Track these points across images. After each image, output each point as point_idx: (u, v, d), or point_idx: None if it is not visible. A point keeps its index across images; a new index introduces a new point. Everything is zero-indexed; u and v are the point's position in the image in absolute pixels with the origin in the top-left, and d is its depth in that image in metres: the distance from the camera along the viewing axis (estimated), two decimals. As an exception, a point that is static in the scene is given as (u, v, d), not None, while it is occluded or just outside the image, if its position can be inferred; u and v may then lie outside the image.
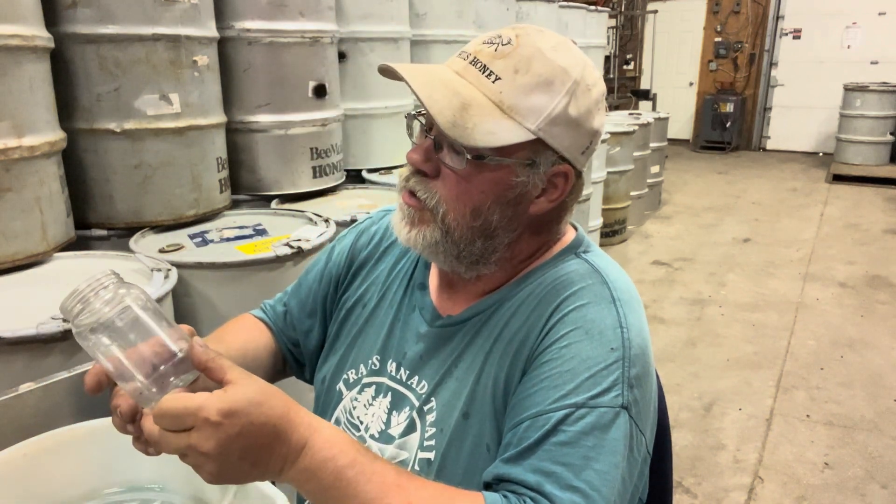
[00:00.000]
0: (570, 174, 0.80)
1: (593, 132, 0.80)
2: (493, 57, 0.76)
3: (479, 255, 0.82)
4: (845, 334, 3.70)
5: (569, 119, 0.76)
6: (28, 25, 1.65)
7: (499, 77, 0.75)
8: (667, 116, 6.43)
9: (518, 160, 0.77)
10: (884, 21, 8.86)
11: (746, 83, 9.89)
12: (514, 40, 0.77)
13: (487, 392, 0.80)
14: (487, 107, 0.75)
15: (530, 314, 0.81)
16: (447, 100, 0.74)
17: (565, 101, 0.76)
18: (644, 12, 9.65)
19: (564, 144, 0.78)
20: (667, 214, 6.34)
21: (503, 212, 0.79)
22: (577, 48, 0.81)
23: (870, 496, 2.38)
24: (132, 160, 1.97)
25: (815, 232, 5.70)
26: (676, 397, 3.04)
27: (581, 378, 0.73)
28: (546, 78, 0.75)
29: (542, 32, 0.79)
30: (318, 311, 1.03)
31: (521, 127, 0.75)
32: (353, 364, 0.95)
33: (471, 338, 0.85)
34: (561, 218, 0.86)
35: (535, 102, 0.75)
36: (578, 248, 0.88)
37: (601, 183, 4.72)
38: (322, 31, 2.40)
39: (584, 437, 0.70)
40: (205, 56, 2.05)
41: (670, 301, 4.21)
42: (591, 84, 0.78)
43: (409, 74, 0.76)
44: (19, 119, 1.63)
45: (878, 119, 7.74)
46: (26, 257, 1.70)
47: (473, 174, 0.77)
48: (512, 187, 0.78)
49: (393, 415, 0.87)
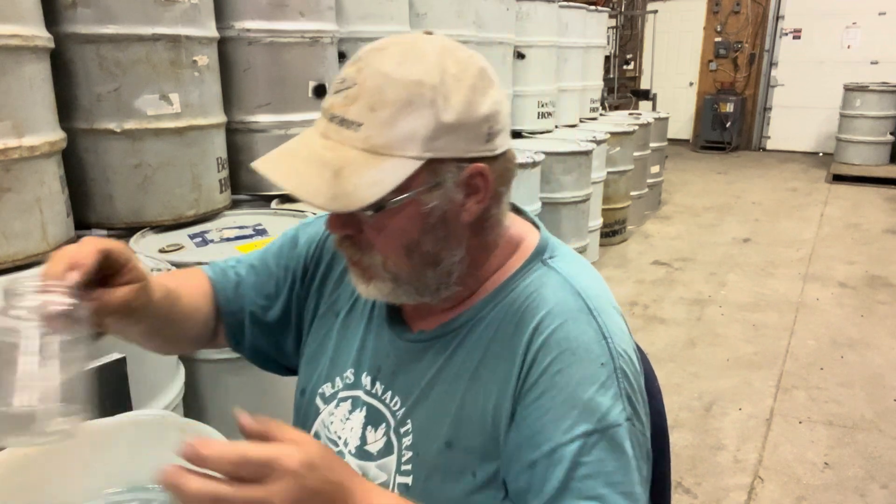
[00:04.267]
0: (484, 170, 0.74)
1: (484, 117, 0.73)
2: (344, 105, 0.71)
3: (436, 284, 0.79)
4: (845, 334, 3.70)
5: (448, 126, 0.71)
6: (28, 25, 1.65)
7: (359, 123, 0.70)
8: (667, 116, 6.43)
9: (419, 190, 0.72)
10: (884, 21, 8.86)
11: (746, 83, 9.89)
12: (356, 78, 0.71)
13: (474, 423, 0.78)
14: (361, 159, 0.70)
15: (510, 339, 0.78)
16: (316, 177, 0.70)
17: (434, 113, 0.70)
18: (644, 12, 9.65)
19: (459, 148, 0.72)
20: (667, 214, 6.34)
21: (436, 237, 0.76)
22: (429, 42, 0.75)
23: (870, 496, 2.38)
24: (132, 160, 1.97)
25: (815, 232, 5.70)
26: (676, 397, 3.04)
27: (581, 403, 0.72)
28: (403, 100, 0.69)
29: (383, 51, 0.73)
30: (280, 296, 0.98)
31: (403, 160, 0.70)
32: (329, 377, 0.92)
33: (446, 358, 0.82)
34: (501, 205, 0.80)
35: (404, 130, 0.70)
36: (544, 253, 0.84)
37: (601, 183, 4.72)
38: (322, 31, 2.40)
39: (604, 463, 0.70)
40: (205, 56, 2.05)
41: (670, 301, 4.21)
42: (456, 75, 0.72)
43: (271, 168, 0.73)
44: (19, 119, 1.63)
45: (878, 119, 7.74)
46: (26, 257, 1.70)
47: (386, 222, 0.74)
48: (430, 214, 0.74)
49: (368, 430, 0.86)
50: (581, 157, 4.09)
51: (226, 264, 1.02)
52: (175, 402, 1.67)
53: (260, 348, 1.01)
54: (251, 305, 0.98)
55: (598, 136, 4.53)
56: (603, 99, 6.29)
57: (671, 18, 9.84)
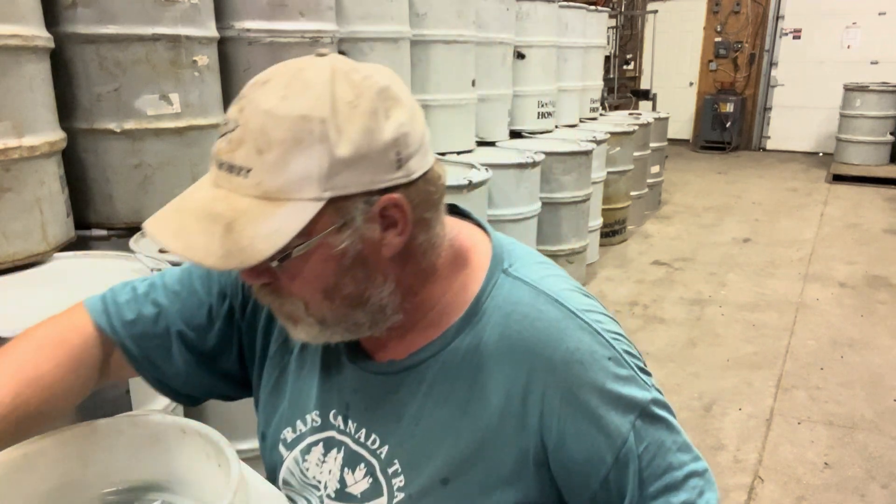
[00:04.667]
0: (398, 201, 0.67)
1: (390, 143, 0.65)
2: (230, 150, 0.65)
3: (369, 321, 0.74)
4: (845, 334, 3.70)
5: (346, 160, 0.64)
6: (28, 25, 1.65)
7: (248, 168, 0.63)
8: (667, 116, 6.43)
9: (326, 232, 0.66)
10: (884, 21, 8.86)
11: (746, 83, 9.89)
12: (239, 119, 0.65)
13: (472, 456, 0.75)
14: (255, 208, 0.63)
15: (502, 367, 0.74)
16: (206, 235, 0.64)
17: (327, 148, 0.63)
18: (644, 12, 9.65)
19: (364, 182, 0.65)
20: (667, 214, 6.34)
21: (355, 278, 0.70)
22: (316, 67, 0.67)
23: (870, 496, 2.38)
24: (132, 160, 1.97)
25: (815, 232, 5.70)
26: (676, 397, 3.04)
27: (612, 402, 0.73)
28: (291, 139, 0.63)
29: (266, 84, 0.67)
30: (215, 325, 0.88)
31: (301, 203, 0.63)
32: (290, 421, 0.86)
33: (425, 391, 0.77)
34: (430, 229, 0.73)
35: (297, 171, 0.63)
36: (502, 263, 0.79)
37: (601, 183, 4.72)
38: (322, 31, 2.40)
39: (656, 439, 0.73)
40: (205, 56, 2.05)
41: (670, 301, 4.21)
42: (351, 102, 0.65)
43: (158, 228, 0.67)
44: (19, 119, 1.63)
45: (878, 119, 7.74)
46: (26, 257, 1.70)
47: (297, 269, 0.68)
48: (343, 255, 0.68)
49: (346, 472, 0.81)
50: (581, 157, 4.09)
51: (131, 294, 0.88)
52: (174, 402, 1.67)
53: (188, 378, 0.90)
54: (177, 337, 0.87)
55: (598, 136, 4.53)
56: (603, 99, 6.28)
57: (671, 18, 9.83)
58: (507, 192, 3.47)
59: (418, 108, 0.71)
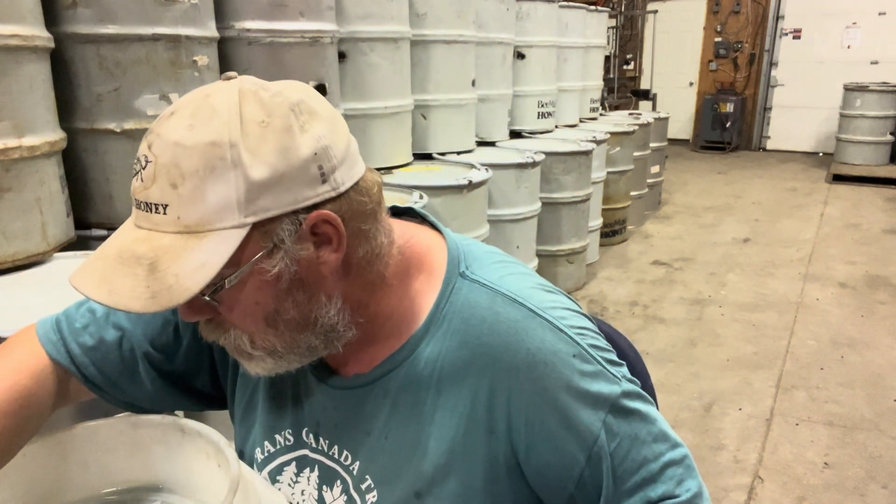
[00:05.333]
0: (327, 216, 0.65)
1: (310, 158, 0.63)
2: (144, 189, 0.63)
3: (322, 342, 0.72)
4: (845, 334, 3.70)
5: (263, 182, 0.62)
6: (28, 25, 1.65)
7: (164, 204, 0.62)
8: (667, 116, 6.44)
9: (255, 258, 0.64)
10: (884, 21, 8.86)
11: (746, 83, 9.89)
12: (149, 156, 0.63)
13: (442, 467, 0.73)
14: (178, 244, 0.62)
15: (465, 374, 0.73)
16: (130, 278, 0.62)
17: (241, 173, 0.61)
18: (644, 12, 9.65)
19: (288, 201, 0.63)
20: (667, 214, 6.34)
21: (296, 300, 0.68)
22: (223, 92, 0.64)
23: (870, 496, 2.38)
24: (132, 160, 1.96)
25: (815, 232, 5.70)
26: (676, 397, 3.04)
27: (580, 400, 0.71)
28: (203, 168, 0.61)
29: (172, 116, 0.64)
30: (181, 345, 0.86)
31: (224, 233, 0.62)
32: (260, 442, 0.85)
33: (391, 403, 0.76)
34: (370, 240, 0.71)
35: (215, 200, 0.61)
36: (458, 265, 0.76)
37: (601, 183, 4.72)
38: (322, 31, 2.40)
39: (629, 432, 0.72)
40: (205, 56, 2.05)
41: (670, 301, 4.21)
42: (262, 121, 0.62)
43: (81, 280, 0.65)
44: (19, 119, 1.63)
45: (878, 119, 7.74)
46: (26, 257, 1.70)
47: (233, 300, 0.66)
48: (278, 279, 0.66)
49: (325, 490, 0.80)
50: (581, 157, 4.09)
51: (89, 318, 0.84)
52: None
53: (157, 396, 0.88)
54: (143, 359, 0.85)
55: (598, 136, 4.53)
56: (603, 99, 6.29)
57: (671, 18, 9.83)
58: (507, 192, 3.47)
59: (339, 118, 0.69)
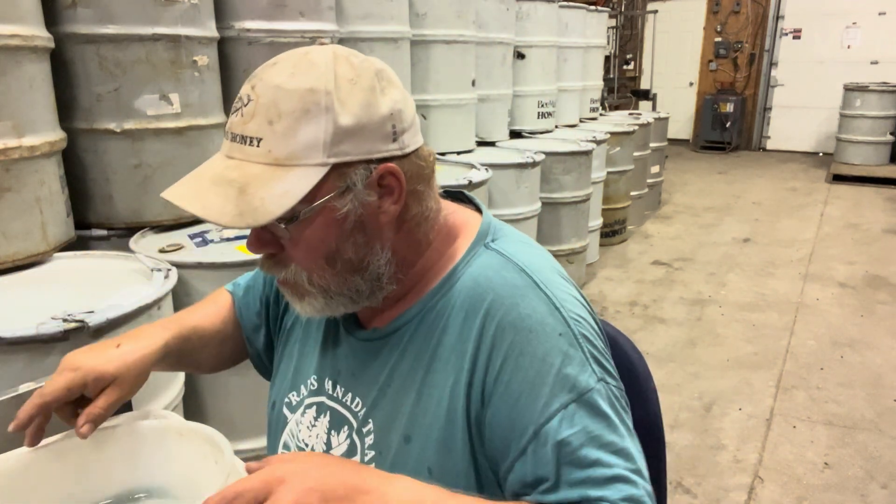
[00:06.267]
0: (394, 170, 0.74)
1: (386, 117, 0.73)
2: (243, 123, 0.72)
3: (368, 289, 0.79)
4: (845, 334, 3.70)
5: (348, 129, 0.71)
6: (28, 25, 1.65)
7: (259, 138, 0.71)
8: (667, 116, 6.44)
9: (330, 196, 0.72)
10: (884, 21, 8.86)
11: (746, 83, 9.89)
12: (251, 95, 0.72)
13: (430, 414, 0.77)
14: (266, 173, 0.70)
15: (462, 327, 0.78)
16: (221, 197, 0.70)
17: (331, 118, 0.70)
18: (644, 12, 9.65)
19: (364, 150, 0.72)
20: (667, 214, 6.34)
21: (355, 243, 0.76)
22: (320, 52, 0.74)
23: (870, 496, 2.38)
24: (132, 160, 1.97)
25: (815, 232, 5.70)
26: (676, 397, 3.04)
27: (551, 377, 0.72)
28: (299, 109, 0.70)
29: (276, 65, 0.74)
30: (262, 315, 1.03)
31: (308, 168, 0.70)
32: (294, 386, 0.93)
33: (400, 353, 0.82)
34: (423, 202, 0.80)
35: (304, 138, 0.70)
36: (486, 237, 0.84)
37: (601, 183, 4.72)
38: (322, 31, 2.40)
39: (588, 429, 0.70)
40: (205, 56, 2.05)
41: (670, 301, 4.21)
42: (352, 79, 0.72)
43: (177, 195, 0.73)
44: (19, 119, 1.63)
45: (878, 119, 7.74)
46: (26, 257, 1.70)
47: (302, 233, 0.74)
48: (345, 219, 0.74)
49: (332, 435, 0.85)
50: (581, 157, 4.09)
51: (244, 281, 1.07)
52: (175, 402, 1.67)
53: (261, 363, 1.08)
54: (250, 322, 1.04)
55: (598, 136, 4.53)
56: (603, 99, 6.29)
57: (671, 18, 9.84)
58: (507, 192, 3.47)
59: (408, 94, 0.78)
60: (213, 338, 1.01)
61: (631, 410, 0.77)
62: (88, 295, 1.57)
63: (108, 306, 1.43)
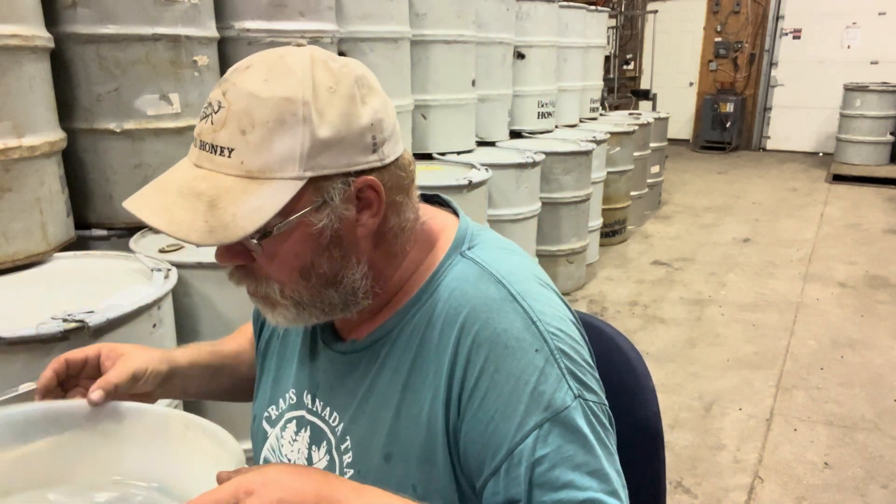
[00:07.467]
0: (373, 183, 0.71)
1: (366, 127, 0.70)
2: (213, 131, 0.68)
3: (342, 302, 0.76)
4: (845, 334, 3.70)
5: (326, 141, 0.67)
6: (28, 25, 1.65)
7: (231, 148, 0.66)
8: (667, 116, 6.44)
9: (306, 210, 0.69)
10: (884, 21, 8.86)
11: (746, 83, 9.89)
12: (223, 101, 0.68)
13: (410, 430, 0.75)
14: (238, 186, 0.66)
15: (438, 342, 0.75)
16: (190, 211, 0.66)
17: (309, 130, 0.66)
18: (644, 12, 9.65)
19: (343, 163, 0.69)
20: (667, 214, 6.34)
21: (331, 257, 0.73)
22: (297, 55, 0.70)
23: (870, 496, 2.38)
24: (132, 160, 1.97)
25: (815, 232, 5.70)
26: (676, 397, 3.04)
27: (526, 395, 0.70)
28: (274, 119, 0.66)
29: (249, 69, 0.70)
30: (257, 332, 1.02)
31: (283, 182, 0.66)
32: (273, 400, 0.91)
33: (378, 366, 0.79)
34: (401, 213, 0.77)
35: (280, 151, 0.66)
36: (462, 245, 0.80)
37: (601, 183, 4.72)
38: (322, 31, 2.40)
39: (563, 449, 0.68)
40: (205, 56, 2.05)
41: (670, 301, 4.21)
42: (330, 86, 0.68)
43: (140, 206, 0.69)
44: (19, 119, 1.63)
45: (878, 119, 7.74)
46: (26, 257, 1.70)
47: (276, 248, 0.70)
48: (321, 234, 0.70)
49: (313, 450, 0.83)
50: (581, 157, 4.09)
51: None
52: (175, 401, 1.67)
53: None
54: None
55: (598, 136, 4.53)
56: (603, 99, 6.29)
57: (671, 18, 9.84)
58: (507, 192, 3.47)
59: (389, 99, 0.75)
60: (232, 360, 1.02)
61: (631, 410, 0.76)
62: (88, 295, 1.57)
63: (108, 306, 1.43)
